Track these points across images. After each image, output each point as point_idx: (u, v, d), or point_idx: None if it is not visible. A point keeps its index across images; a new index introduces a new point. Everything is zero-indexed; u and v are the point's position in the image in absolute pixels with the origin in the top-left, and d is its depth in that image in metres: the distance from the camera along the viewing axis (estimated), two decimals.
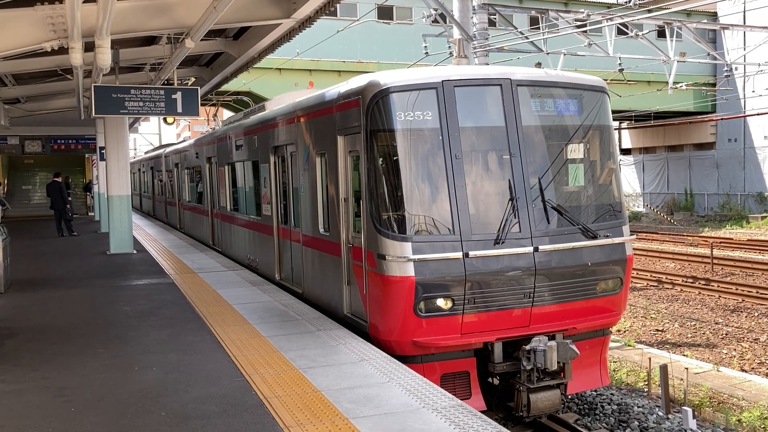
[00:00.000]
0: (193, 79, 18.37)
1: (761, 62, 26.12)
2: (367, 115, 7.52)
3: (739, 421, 9.00)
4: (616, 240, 7.97)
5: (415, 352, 7.36)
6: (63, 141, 29.29)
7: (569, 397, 9.27)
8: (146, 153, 38.27)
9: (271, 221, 11.48)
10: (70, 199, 22.54)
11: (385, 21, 33.08)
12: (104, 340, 8.01)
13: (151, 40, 13.41)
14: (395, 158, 7.34)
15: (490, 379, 8.16)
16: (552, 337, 7.50)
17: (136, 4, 9.79)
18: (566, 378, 7.65)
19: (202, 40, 11.06)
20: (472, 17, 16.65)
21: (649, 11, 28.18)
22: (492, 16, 20.69)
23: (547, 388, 7.48)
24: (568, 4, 36.27)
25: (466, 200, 7.34)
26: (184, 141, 24.66)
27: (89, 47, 10.16)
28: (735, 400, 9.84)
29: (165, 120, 24.33)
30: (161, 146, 32.38)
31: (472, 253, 7.22)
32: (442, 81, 7.47)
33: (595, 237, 7.78)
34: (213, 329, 8.28)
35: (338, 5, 17.09)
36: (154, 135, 59.09)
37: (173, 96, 12.70)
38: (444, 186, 7.31)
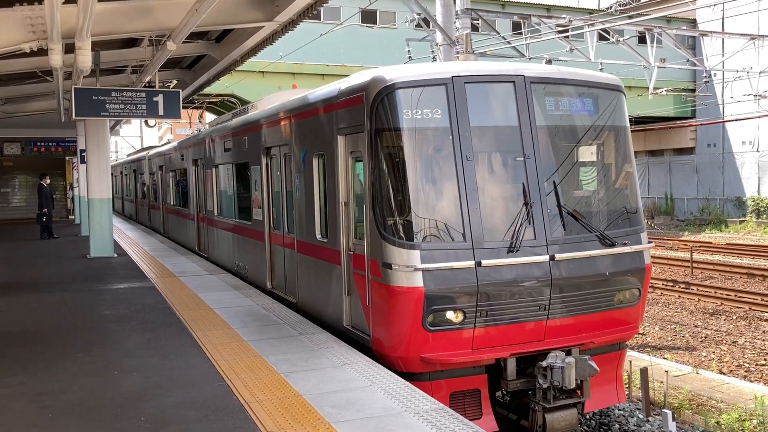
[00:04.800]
0: (175, 82, 18.25)
1: (739, 69, 26.49)
2: (371, 113, 7.01)
3: (717, 423, 9.09)
4: (635, 248, 7.50)
5: (423, 369, 6.84)
6: (43, 143, 28.95)
7: (587, 416, 9.01)
8: (129, 155, 37.71)
9: (263, 226, 10.95)
10: (54, 197, 22.55)
11: (368, 25, 33.12)
12: (84, 344, 7.92)
13: (132, 42, 13.31)
14: (402, 159, 6.83)
15: (499, 396, 7.60)
16: (568, 352, 7.06)
17: (117, 5, 9.72)
18: (584, 396, 7.13)
19: (184, 42, 10.99)
20: (455, 22, 16.71)
21: (630, 17, 28.47)
22: (475, 21, 20.78)
23: (564, 407, 6.98)
24: (551, 10, 36.55)
25: (478, 205, 6.83)
26: (168, 143, 24.18)
27: (69, 49, 10.07)
28: (714, 402, 9.94)
29: (146, 123, 24.20)
30: (145, 148, 31.89)
31: (485, 262, 6.70)
32: (452, 77, 6.95)
33: (613, 245, 7.32)
34: (194, 333, 8.22)
35: (322, 9, 17.08)
36: (135, 138, 58.66)
37: (155, 98, 12.62)
38: (454, 189, 6.81)
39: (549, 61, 9.12)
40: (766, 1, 31.31)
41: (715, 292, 18.19)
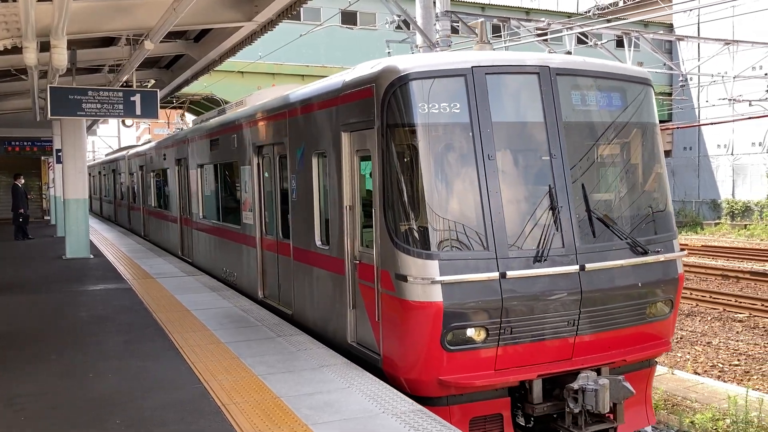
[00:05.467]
0: (152, 81, 18.11)
1: (714, 73, 26.87)
2: (382, 107, 6.34)
3: (692, 422, 9.21)
4: (668, 256, 6.91)
5: (440, 393, 6.18)
6: (18, 143, 28.56)
7: None
8: (107, 155, 36.72)
9: (253, 231, 10.18)
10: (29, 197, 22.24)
11: (348, 26, 33.12)
12: (59, 346, 7.82)
13: (109, 41, 13.18)
14: (417, 158, 6.17)
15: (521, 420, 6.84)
16: (597, 371, 6.46)
17: (93, 4, 9.62)
18: (617, 421, 6.47)
19: (161, 41, 10.92)
20: (435, 24, 16.77)
21: (608, 21, 28.77)
22: (455, 24, 20.87)
23: None
24: (530, 13, 36.83)
25: (501, 209, 6.19)
26: (149, 142, 23.02)
27: (45, 47, 9.94)
28: (688, 402, 10.06)
29: (123, 122, 23.96)
30: (124, 147, 31.06)
31: (510, 273, 6.07)
32: (472, 67, 6.31)
33: (645, 253, 6.72)
34: (171, 335, 8.16)
35: (302, 9, 17.04)
36: (113, 138, 58.08)
37: (132, 98, 12.52)
38: (475, 192, 6.18)
39: (569, 53, 8.85)
40: (740, 8, 31.81)
41: (691, 294, 18.43)
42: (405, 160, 6.32)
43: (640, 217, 6.98)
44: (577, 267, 6.34)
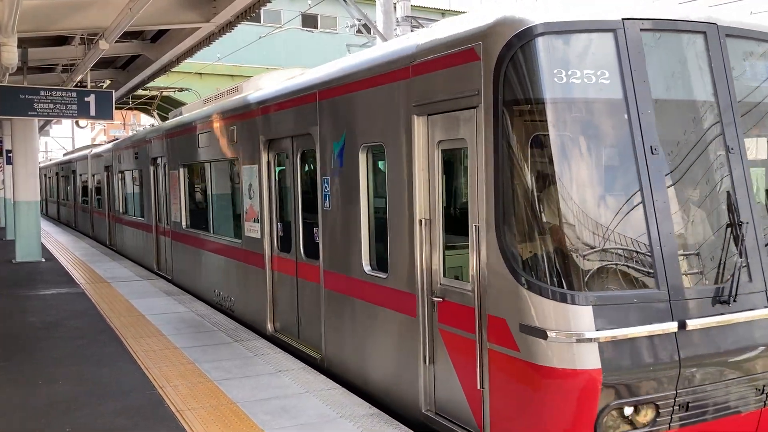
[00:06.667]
0: (108, 82, 17.79)
1: None
2: (497, 76, 4.44)
3: None
4: None
5: None
6: None
7: None
8: (66, 154, 34.56)
9: (262, 247, 8.20)
10: None
11: (309, 29, 33.06)
12: (7, 353, 7.61)
13: (63, 40, 12.91)
14: (557, 152, 4.32)
15: None
16: None
17: (46, 2, 9.41)
18: None
19: (117, 41, 10.73)
20: (396, 29, 16.86)
21: None
22: (415, 29, 21.01)
23: None
24: None
25: (672, 227, 4.36)
26: (116, 139, 20.55)
27: None
28: None
29: (77, 123, 23.42)
30: (88, 146, 28.94)
31: (690, 323, 4.25)
32: (622, 19, 4.48)
33: None
34: (125, 341, 8.01)
35: (262, 11, 16.94)
36: (66, 138, 56.81)
37: (86, 98, 12.27)
38: (636, 201, 4.36)
39: None
40: None
41: None
42: (535, 154, 4.43)
43: None
44: None
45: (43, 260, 15.90)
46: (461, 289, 4.91)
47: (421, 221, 5.24)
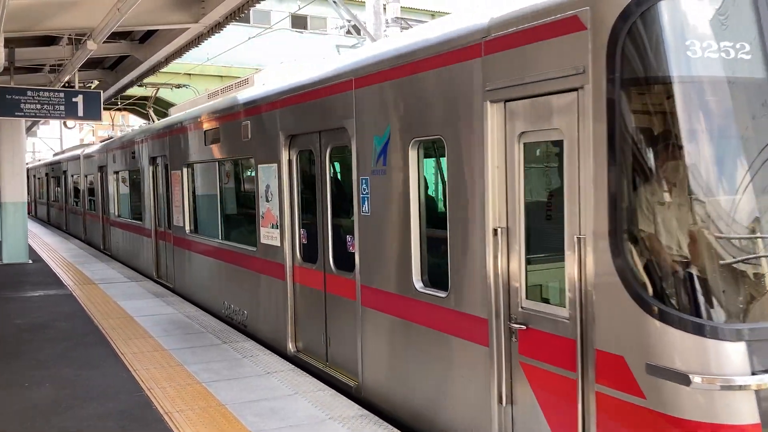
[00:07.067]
0: (96, 83, 17.69)
1: None
2: (611, 49, 3.55)
3: None
4: None
5: None
6: None
7: None
8: (56, 154, 33.80)
9: (281, 256, 7.40)
10: None
11: (298, 30, 33.03)
12: None
13: (51, 40, 12.82)
14: (684, 144, 3.48)
15: None
16: None
17: (34, 1, 9.34)
18: None
19: (105, 42, 10.66)
20: (385, 30, 16.88)
21: None
22: (405, 29, 21.03)
23: None
24: None
25: None
26: (110, 138, 19.58)
27: None
28: None
29: (65, 124, 23.24)
30: (81, 145, 28.46)
31: None
32: None
33: None
34: (113, 343, 7.96)
35: (251, 12, 16.88)
36: (54, 139, 56.45)
37: (74, 99, 12.19)
38: None
39: None
40: None
41: None
42: (663, 147, 3.55)
43: None
44: None
45: (30, 262, 15.79)
46: (554, 315, 3.97)
47: (495, 230, 4.32)
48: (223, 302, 9.30)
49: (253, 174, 8.08)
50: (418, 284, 5.19)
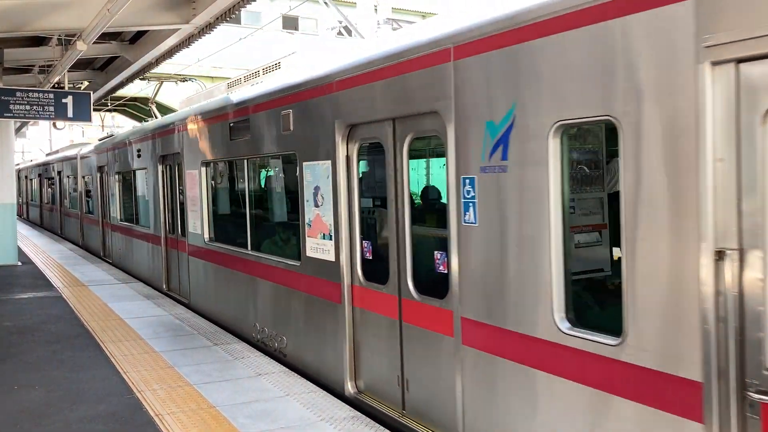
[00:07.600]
0: (86, 83, 17.62)
1: None
2: None
3: None
4: None
5: None
6: None
7: None
8: (49, 154, 32.85)
9: (336, 274, 6.09)
10: None
11: (289, 30, 32.99)
12: None
13: (40, 41, 12.76)
14: None
15: None
16: None
17: (23, 1, 9.29)
18: None
19: (95, 42, 10.62)
20: (376, 31, 16.89)
21: None
22: (396, 30, 21.05)
23: None
24: None
25: None
26: (111, 136, 17.70)
27: None
28: None
29: (55, 125, 23.08)
30: (78, 144, 27.23)
31: None
32: None
33: None
34: (103, 345, 7.92)
35: (242, 13, 16.84)
36: (44, 140, 56.13)
37: (64, 100, 12.14)
38: None
39: None
40: None
41: None
42: None
43: None
44: None
45: (20, 264, 15.69)
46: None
47: (720, 253, 2.96)
48: (254, 325, 7.97)
49: (294, 173, 6.92)
50: (564, 324, 3.78)
